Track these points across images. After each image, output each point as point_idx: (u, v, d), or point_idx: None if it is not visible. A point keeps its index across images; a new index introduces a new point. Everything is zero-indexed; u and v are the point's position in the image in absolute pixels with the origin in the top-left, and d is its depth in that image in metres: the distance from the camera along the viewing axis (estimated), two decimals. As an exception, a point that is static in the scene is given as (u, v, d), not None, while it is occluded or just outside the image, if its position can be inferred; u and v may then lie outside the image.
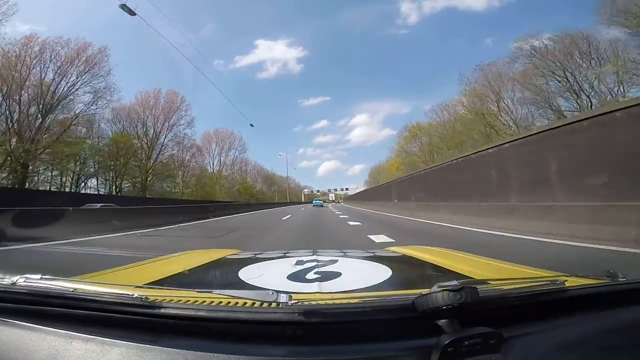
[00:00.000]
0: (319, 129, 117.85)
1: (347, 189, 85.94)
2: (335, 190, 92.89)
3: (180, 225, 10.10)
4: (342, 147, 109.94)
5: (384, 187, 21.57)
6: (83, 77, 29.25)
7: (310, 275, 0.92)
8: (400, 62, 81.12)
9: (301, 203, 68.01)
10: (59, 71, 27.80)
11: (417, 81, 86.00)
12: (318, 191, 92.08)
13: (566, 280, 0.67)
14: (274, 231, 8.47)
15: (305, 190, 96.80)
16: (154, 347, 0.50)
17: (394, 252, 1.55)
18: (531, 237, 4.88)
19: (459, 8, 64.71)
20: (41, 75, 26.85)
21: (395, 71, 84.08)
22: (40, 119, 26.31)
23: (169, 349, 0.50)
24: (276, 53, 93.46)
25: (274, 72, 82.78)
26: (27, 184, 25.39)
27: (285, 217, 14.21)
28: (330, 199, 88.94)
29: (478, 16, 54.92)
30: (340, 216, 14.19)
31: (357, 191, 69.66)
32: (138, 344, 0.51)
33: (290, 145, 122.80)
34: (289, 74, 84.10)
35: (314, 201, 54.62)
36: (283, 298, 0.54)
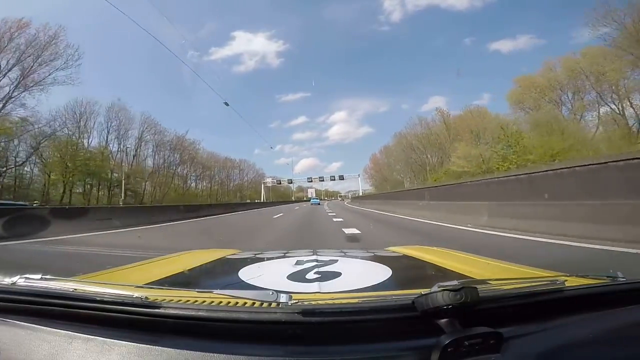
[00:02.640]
0: (298, 125, 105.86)
1: (340, 178, 60.91)
2: (321, 179, 62.96)
3: None
4: (320, 145, 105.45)
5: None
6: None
7: (310, 275, 0.92)
8: (381, 59, 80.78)
9: (258, 204, 33.61)
10: None
11: (395, 79, 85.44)
12: (291, 182, 66.70)
13: (566, 280, 0.67)
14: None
15: (268, 180, 64.43)
16: (154, 347, 0.50)
17: (394, 252, 1.55)
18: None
19: (442, 7, 64.72)
20: None
21: (375, 68, 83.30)
22: None
23: (169, 349, 0.50)
24: (255, 46, 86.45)
25: (252, 66, 78.30)
26: None
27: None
28: (310, 196, 64.99)
29: (460, 16, 55.62)
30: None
31: (354, 179, 60.48)
32: (138, 344, 0.51)
33: (267, 142, 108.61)
34: (267, 68, 79.88)
35: (311, 200, 51.73)
36: (283, 298, 0.54)
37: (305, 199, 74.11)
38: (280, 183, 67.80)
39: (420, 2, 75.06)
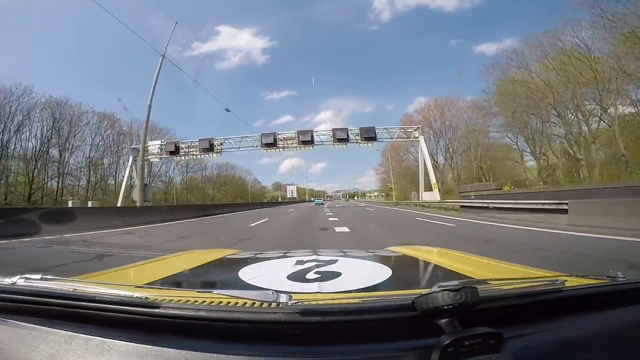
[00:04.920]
0: (283, 124, 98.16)
1: (365, 138, 24.79)
2: (308, 141, 24.95)
3: None
4: None
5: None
6: None
7: (310, 275, 0.92)
8: (368, 59, 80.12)
9: None
10: None
11: (382, 79, 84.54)
12: (219, 149, 26.03)
13: (566, 280, 0.67)
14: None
15: (155, 146, 26.99)
16: (154, 347, 0.50)
17: (394, 252, 1.55)
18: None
19: (431, 7, 63.51)
20: None
21: (362, 68, 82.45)
22: None
23: (169, 349, 0.50)
24: (240, 42, 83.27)
25: (236, 62, 75.13)
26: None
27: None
28: (291, 196, 56.36)
29: (448, 17, 55.46)
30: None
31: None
32: (138, 344, 0.51)
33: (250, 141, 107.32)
34: (252, 65, 76.47)
35: (315, 200, 49.98)
36: (283, 298, 0.54)
37: (281, 199, 60.06)
38: (179, 151, 26.85)
39: (410, 2, 74.77)
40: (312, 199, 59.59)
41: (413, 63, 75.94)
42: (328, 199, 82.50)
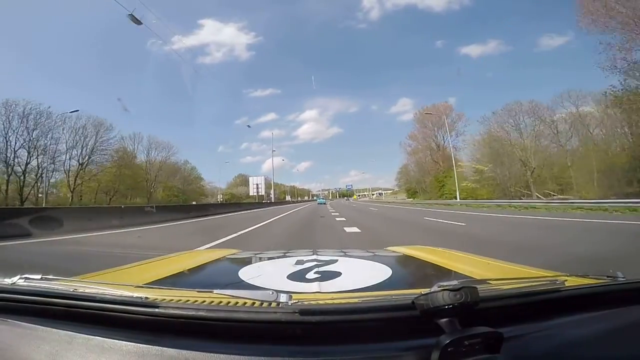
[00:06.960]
0: (266, 122, 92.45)
1: None
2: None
3: None
4: (289, 144, 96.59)
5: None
6: None
7: (310, 275, 0.92)
8: (355, 58, 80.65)
9: None
10: None
11: (368, 79, 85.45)
12: None
13: (566, 280, 0.67)
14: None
15: None
16: (154, 346, 0.50)
17: (394, 251, 1.55)
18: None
19: (419, 7, 62.91)
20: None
21: (349, 67, 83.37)
22: None
23: (169, 348, 0.50)
24: (224, 37, 76.92)
25: (219, 58, 73.09)
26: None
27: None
28: (255, 193, 39.30)
29: (436, 18, 55.41)
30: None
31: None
32: (138, 344, 0.51)
33: (231, 140, 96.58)
34: (235, 61, 75.85)
35: (318, 199, 48.50)
36: (283, 298, 0.54)
37: (224, 199, 39.18)
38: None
39: (399, 1, 74.01)
40: (258, 194, 45.03)
41: (399, 63, 77.59)
42: (314, 197, 79.77)
